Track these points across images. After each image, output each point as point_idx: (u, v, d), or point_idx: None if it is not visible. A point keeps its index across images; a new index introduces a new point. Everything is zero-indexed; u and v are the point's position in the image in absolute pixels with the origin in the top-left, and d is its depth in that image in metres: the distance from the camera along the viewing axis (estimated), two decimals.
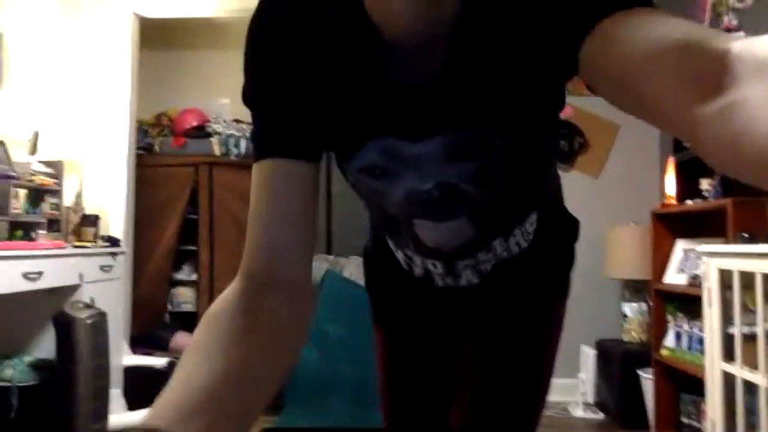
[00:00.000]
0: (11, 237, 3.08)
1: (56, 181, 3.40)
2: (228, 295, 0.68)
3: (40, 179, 3.27)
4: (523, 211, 0.93)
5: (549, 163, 0.97)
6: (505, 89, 0.67)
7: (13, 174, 3.07)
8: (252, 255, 0.71)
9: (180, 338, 4.47)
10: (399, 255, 0.99)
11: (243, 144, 4.48)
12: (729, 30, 2.49)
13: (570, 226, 1.11)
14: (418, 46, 0.64)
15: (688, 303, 2.88)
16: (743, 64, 0.39)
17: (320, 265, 3.98)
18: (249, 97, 0.74)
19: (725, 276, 2.13)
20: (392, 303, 1.11)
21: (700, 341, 2.73)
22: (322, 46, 0.69)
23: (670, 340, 2.98)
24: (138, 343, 4.22)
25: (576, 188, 3.85)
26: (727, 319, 2.13)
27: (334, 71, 0.70)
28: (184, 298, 4.64)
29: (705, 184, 2.73)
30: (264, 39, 0.72)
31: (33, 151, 3.42)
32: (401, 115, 0.71)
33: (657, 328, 3.08)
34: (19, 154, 3.39)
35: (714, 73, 0.40)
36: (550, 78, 0.63)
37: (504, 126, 0.71)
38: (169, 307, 4.62)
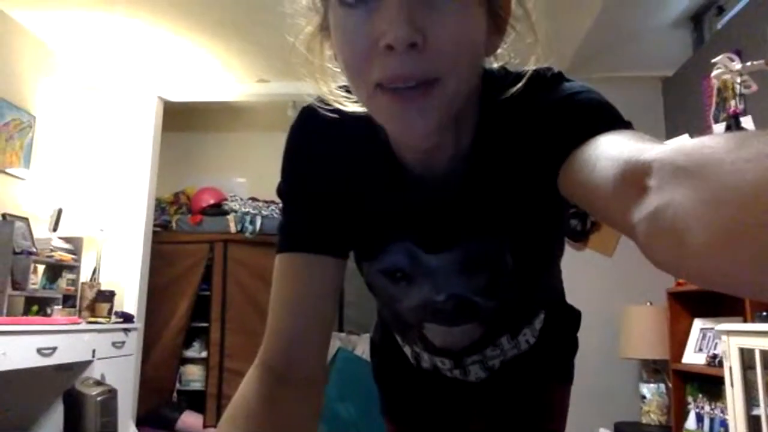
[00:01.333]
0: (27, 312, 3.10)
1: (75, 257, 3.46)
2: (246, 391, 0.72)
3: (59, 255, 3.33)
4: (531, 312, 0.95)
5: (554, 265, 0.98)
6: (510, 208, 0.73)
7: (34, 250, 3.13)
8: (271, 344, 0.74)
9: (187, 418, 4.37)
10: (407, 350, 1.00)
11: (258, 221, 4.56)
12: (736, 114, 2.56)
13: (573, 318, 1.13)
14: (435, 174, 0.72)
15: (709, 383, 2.82)
16: (664, 171, 0.42)
17: (332, 343, 3.94)
18: (284, 192, 0.79)
19: (746, 355, 2.10)
20: (400, 396, 1.09)
21: (723, 423, 2.65)
22: (352, 160, 0.75)
23: (691, 423, 2.90)
24: (144, 423, 4.13)
25: (590, 268, 3.85)
26: (750, 399, 2.08)
27: (363, 183, 0.76)
28: (193, 376, 4.58)
29: None
30: (302, 145, 0.77)
31: (55, 227, 3.50)
32: (422, 228, 0.76)
33: (677, 410, 3.01)
34: (41, 230, 3.47)
35: (641, 182, 0.44)
36: (547, 198, 0.67)
37: (511, 241, 0.76)
38: (177, 385, 4.55)
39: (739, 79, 2.64)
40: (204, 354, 4.56)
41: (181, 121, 4.76)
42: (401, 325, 0.94)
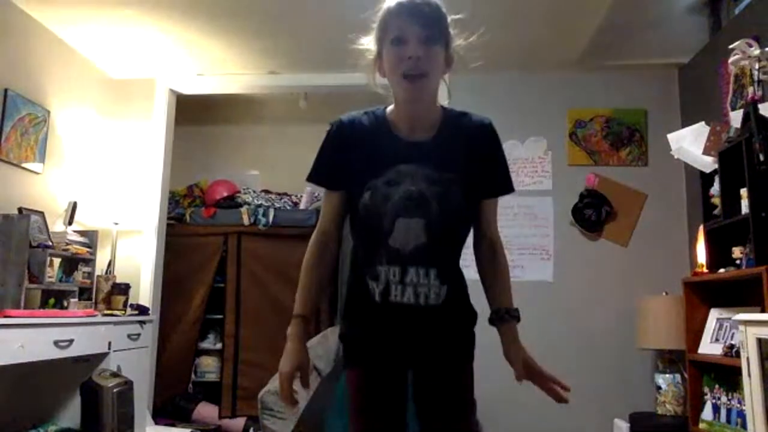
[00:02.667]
0: (44, 305, 3.14)
1: (90, 250, 3.48)
2: (312, 243, 1.52)
3: (74, 248, 3.36)
4: (446, 266, 1.43)
5: (460, 248, 1.49)
6: (455, 164, 1.42)
7: (50, 244, 3.15)
8: (322, 226, 1.52)
9: (203, 409, 4.41)
10: (371, 284, 1.42)
11: (271, 213, 4.56)
12: (754, 101, 2.52)
13: (471, 313, 1.52)
14: (414, 140, 1.45)
15: (725, 374, 2.79)
16: (486, 240, 1.50)
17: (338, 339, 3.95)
18: (317, 166, 1.50)
19: (764, 345, 2.08)
20: (361, 340, 1.47)
21: (740, 414, 2.63)
22: (366, 135, 1.46)
23: (707, 413, 2.87)
24: (160, 414, 4.18)
25: (606, 258, 3.83)
26: None
27: (374, 144, 1.45)
28: (209, 367, 4.62)
29: (737, 252, 2.70)
30: (336, 135, 1.49)
31: (70, 221, 3.53)
32: (406, 158, 1.41)
33: (693, 400, 2.98)
34: (56, 223, 3.50)
35: (484, 235, 1.51)
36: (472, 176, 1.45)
37: (454, 182, 1.40)
38: (193, 376, 4.59)
39: (757, 65, 2.60)
40: (219, 345, 4.59)
41: (194, 114, 4.77)
42: (374, 242, 1.41)
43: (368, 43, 1.48)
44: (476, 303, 1.52)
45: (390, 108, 1.47)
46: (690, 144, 3.07)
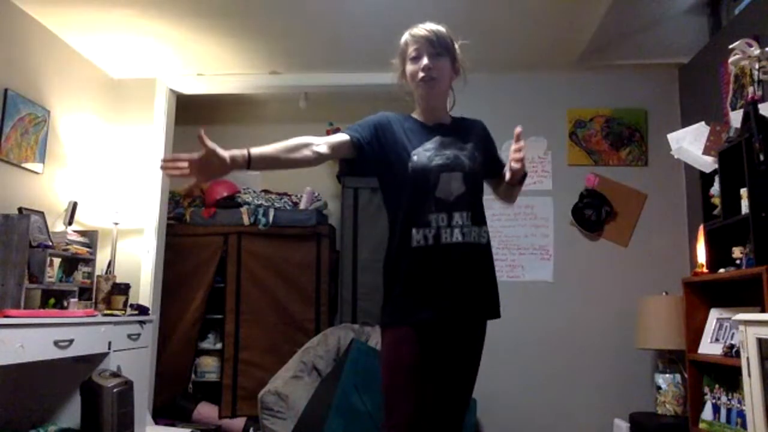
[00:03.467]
0: (44, 305, 3.14)
1: (90, 250, 3.48)
2: (309, 140, 1.77)
3: (74, 248, 3.35)
4: (481, 212, 1.85)
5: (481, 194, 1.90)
6: (470, 139, 1.92)
7: (50, 244, 3.15)
8: (322, 137, 1.82)
9: (203, 409, 4.41)
10: (422, 232, 1.76)
11: (271, 213, 4.56)
12: (754, 101, 2.52)
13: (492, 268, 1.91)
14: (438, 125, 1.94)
15: (725, 374, 2.79)
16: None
17: (346, 334, 3.95)
18: (357, 125, 1.88)
19: (764, 345, 2.07)
20: (407, 299, 1.76)
21: (740, 414, 2.63)
22: (401, 122, 1.92)
23: (707, 413, 2.87)
24: (160, 414, 4.18)
25: (606, 258, 3.83)
26: None
27: (408, 133, 1.89)
28: (209, 367, 4.61)
29: (737, 252, 2.70)
30: (380, 116, 1.92)
31: (70, 221, 3.52)
32: (436, 131, 1.90)
33: (693, 400, 2.98)
34: (56, 223, 3.50)
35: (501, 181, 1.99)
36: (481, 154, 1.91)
37: (474, 148, 1.89)
38: (193, 376, 4.59)
39: (757, 65, 2.60)
40: (219, 345, 4.59)
41: (194, 113, 4.77)
42: (422, 197, 1.77)
43: (396, 63, 1.98)
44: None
45: (414, 112, 1.97)
46: (690, 144, 3.07)
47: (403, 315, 1.75)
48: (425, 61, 1.84)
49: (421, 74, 1.84)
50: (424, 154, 1.81)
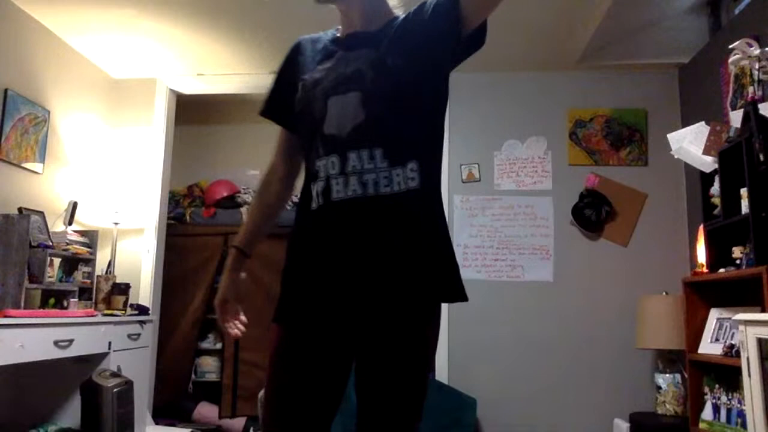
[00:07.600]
0: (44, 305, 3.13)
1: (90, 250, 3.48)
2: (258, 182, 1.49)
3: (74, 248, 3.35)
4: (405, 144, 1.19)
5: (423, 117, 1.25)
6: (395, 50, 1.24)
7: (50, 244, 3.15)
8: (270, 162, 1.50)
9: (203, 409, 4.41)
10: (313, 192, 1.22)
11: None
12: (754, 101, 2.52)
13: (442, 228, 1.26)
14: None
15: (725, 373, 2.79)
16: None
17: None
18: (273, 105, 1.51)
19: (764, 345, 2.08)
20: (298, 293, 1.30)
21: (741, 414, 2.63)
22: (315, 49, 1.38)
23: (707, 413, 2.87)
24: (161, 414, 4.18)
25: (606, 258, 3.83)
26: None
27: (311, 56, 1.37)
28: (209, 367, 4.62)
29: (737, 252, 2.70)
30: (286, 57, 1.45)
31: (70, 221, 3.52)
32: (343, 46, 1.32)
33: (693, 400, 2.98)
34: (56, 223, 3.50)
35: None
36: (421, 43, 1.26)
37: (383, 63, 1.23)
38: (193, 376, 4.59)
39: (757, 65, 2.60)
40: (219, 345, 4.59)
41: (194, 114, 4.77)
42: (312, 134, 1.24)
43: None
44: (471, 301, 1.50)
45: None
46: (690, 144, 3.07)
47: (278, 309, 1.37)
48: None
49: None
50: (312, 78, 1.29)
